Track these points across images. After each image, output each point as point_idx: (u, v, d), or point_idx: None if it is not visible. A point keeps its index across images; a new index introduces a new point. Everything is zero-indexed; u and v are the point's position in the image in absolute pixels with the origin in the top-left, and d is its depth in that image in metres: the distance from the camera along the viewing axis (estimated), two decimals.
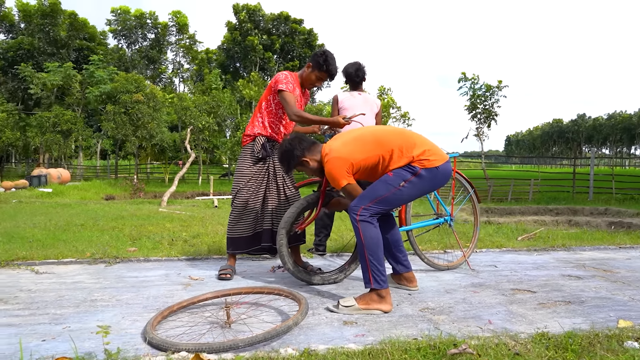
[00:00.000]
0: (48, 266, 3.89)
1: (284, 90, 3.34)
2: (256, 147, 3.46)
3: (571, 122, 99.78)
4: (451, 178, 3.50)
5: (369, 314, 2.66)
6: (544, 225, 8.54)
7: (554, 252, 4.59)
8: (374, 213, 2.79)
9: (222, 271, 3.46)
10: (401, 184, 2.80)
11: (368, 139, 2.88)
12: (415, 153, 2.83)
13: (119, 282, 3.37)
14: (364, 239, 2.74)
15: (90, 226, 7.48)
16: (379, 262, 2.73)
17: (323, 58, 3.44)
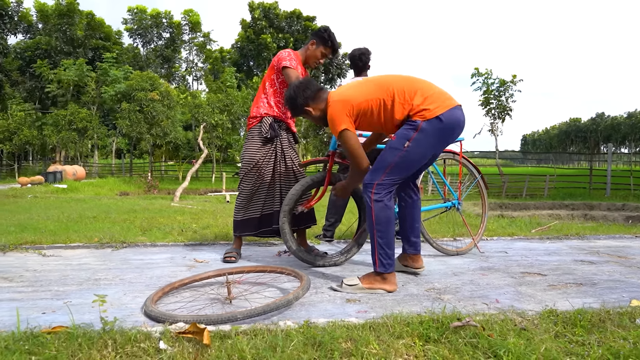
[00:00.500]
0: (56, 250, 3.91)
1: (288, 67, 3.31)
2: (264, 128, 3.42)
3: (590, 120, 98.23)
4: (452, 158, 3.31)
5: (373, 293, 2.60)
6: (558, 219, 8.39)
7: (567, 241, 4.48)
8: (389, 187, 2.63)
9: (227, 254, 3.44)
10: (405, 145, 2.59)
11: (370, 82, 2.74)
12: (416, 102, 2.60)
13: (123, 263, 3.36)
14: (375, 220, 2.61)
15: (102, 218, 7.52)
16: (388, 246, 2.62)
17: (327, 34, 3.46)
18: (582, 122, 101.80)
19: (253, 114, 3.53)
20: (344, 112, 2.63)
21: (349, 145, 2.66)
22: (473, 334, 1.85)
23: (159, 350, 1.71)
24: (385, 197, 2.62)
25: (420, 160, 2.68)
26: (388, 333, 1.88)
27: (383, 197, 2.62)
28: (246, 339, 1.80)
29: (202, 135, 19.05)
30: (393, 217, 2.64)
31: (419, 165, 2.70)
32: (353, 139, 2.65)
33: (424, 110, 2.58)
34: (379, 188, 2.62)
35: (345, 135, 2.64)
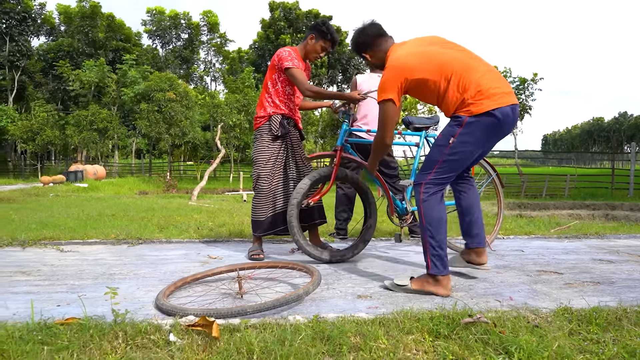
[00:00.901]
0: (73, 245, 3.98)
1: (290, 68, 3.31)
2: (273, 126, 3.43)
3: (613, 120, 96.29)
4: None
5: (423, 294, 2.50)
6: (579, 219, 8.22)
7: (586, 240, 4.39)
8: (439, 186, 2.56)
9: (253, 252, 3.41)
10: (450, 142, 2.51)
11: (435, 58, 2.56)
12: (468, 95, 2.47)
13: (138, 259, 3.40)
14: (426, 220, 2.53)
15: (120, 216, 7.63)
16: (440, 245, 2.51)
17: (325, 27, 3.45)
18: (606, 121, 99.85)
19: (260, 113, 3.53)
20: (396, 83, 2.56)
21: (385, 117, 2.62)
22: (484, 331, 1.82)
23: (168, 343, 1.73)
24: (434, 195, 2.55)
25: (468, 157, 2.58)
26: (398, 328, 1.86)
27: (432, 196, 2.55)
28: (255, 332, 1.80)
29: (220, 135, 19.19)
30: (445, 217, 2.55)
31: (467, 162, 2.62)
32: (391, 112, 2.60)
33: (471, 105, 2.47)
34: (427, 187, 2.56)
35: (385, 105, 2.60)
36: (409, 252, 3.76)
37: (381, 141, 2.73)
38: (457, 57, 2.59)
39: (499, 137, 2.59)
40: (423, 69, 2.54)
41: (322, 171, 3.27)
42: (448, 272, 2.51)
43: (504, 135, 2.61)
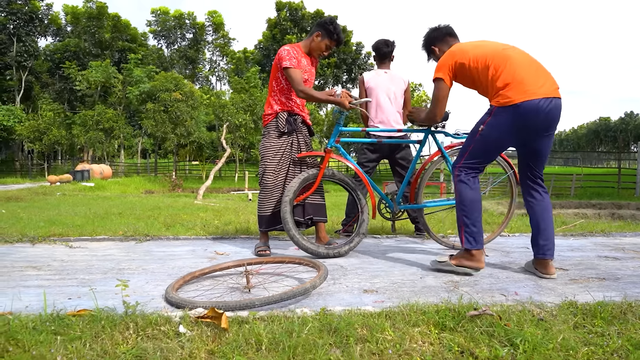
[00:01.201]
0: (82, 242, 4.02)
1: (288, 67, 3.35)
2: (280, 123, 3.47)
3: (619, 120, 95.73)
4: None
5: (461, 270, 2.79)
6: (585, 218, 8.21)
7: (592, 237, 4.39)
8: (471, 170, 2.81)
9: (259, 248, 3.44)
10: (480, 129, 2.74)
11: (482, 47, 2.83)
12: (498, 85, 2.66)
13: (147, 255, 3.44)
14: (459, 199, 2.80)
15: (127, 214, 7.70)
16: (473, 223, 2.76)
17: (333, 26, 3.47)
18: (612, 121, 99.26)
19: (267, 111, 3.57)
20: (447, 64, 2.84)
21: (435, 94, 2.91)
22: (489, 323, 1.84)
23: (178, 334, 1.76)
24: (466, 177, 2.80)
25: (497, 146, 2.80)
26: (404, 321, 1.89)
27: (465, 177, 2.80)
28: (263, 324, 1.83)
29: (225, 135, 19.25)
30: (478, 198, 2.79)
31: (497, 150, 2.84)
32: (441, 90, 2.87)
33: (499, 96, 2.66)
34: (460, 170, 2.83)
35: (437, 83, 2.88)
36: (415, 248, 3.78)
37: (431, 117, 3.05)
38: (501, 49, 2.81)
39: (534, 130, 2.68)
40: (470, 55, 2.79)
41: (311, 171, 3.41)
42: (481, 247, 2.77)
43: (542, 128, 2.68)
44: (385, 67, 4.35)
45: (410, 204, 3.63)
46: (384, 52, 4.33)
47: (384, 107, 4.19)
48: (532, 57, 2.81)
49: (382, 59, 4.36)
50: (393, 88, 4.23)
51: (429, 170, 3.63)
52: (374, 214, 3.53)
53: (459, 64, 2.82)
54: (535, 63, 2.77)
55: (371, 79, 4.25)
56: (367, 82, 4.25)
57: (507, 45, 2.89)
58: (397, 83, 4.26)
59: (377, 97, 4.20)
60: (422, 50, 3.31)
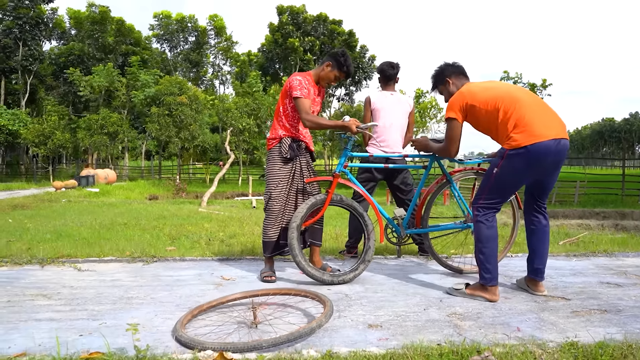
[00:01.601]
0: (90, 264, 4.08)
1: (298, 97, 3.41)
2: (283, 149, 3.52)
3: (623, 121, 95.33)
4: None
5: (474, 299, 2.96)
6: (588, 229, 8.22)
7: (594, 258, 4.42)
8: (487, 209, 2.95)
9: (265, 274, 3.48)
10: (494, 171, 2.91)
11: (493, 90, 2.96)
12: (510, 127, 2.82)
13: (154, 280, 3.49)
14: (477, 237, 2.97)
15: (132, 225, 7.77)
16: (488, 261, 2.91)
17: (344, 58, 3.53)
18: (616, 122, 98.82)
19: (272, 135, 3.62)
20: (458, 104, 3.01)
21: (449, 133, 3.09)
22: None
23: None
24: (484, 217, 2.95)
25: (513, 185, 2.97)
26: None
27: (483, 217, 2.95)
28: None
29: (229, 141, 19.34)
30: (494, 235, 2.95)
31: (513, 189, 3.01)
32: (454, 129, 3.05)
33: (511, 139, 2.82)
34: (479, 209, 2.98)
35: (449, 123, 3.06)
36: (419, 271, 3.82)
37: (447, 152, 3.20)
38: (510, 91, 2.96)
39: (544, 169, 2.90)
40: (481, 97, 2.95)
41: (319, 197, 3.47)
42: (496, 283, 2.94)
43: (551, 167, 2.91)
44: (390, 89, 4.39)
45: (417, 228, 3.68)
46: (390, 74, 4.37)
47: (388, 129, 4.23)
48: (540, 98, 3.00)
49: (387, 80, 4.40)
50: (399, 111, 4.27)
51: (435, 194, 3.67)
52: (382, 239, 3.57)
53: (469, 106, 2.98)
54: (543, 105, 2.94)
55: (377, 101, 4.29)
56: (374, 103, 4.29)
57: (516, 87, 3.04)
58: (403, 106, 4.31)
59: (382, 119, 4.24)
60: (433, 80, 3.40)
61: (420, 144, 3.54)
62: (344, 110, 32.01)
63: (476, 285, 3.01)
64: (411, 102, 4.40)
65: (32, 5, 31.62)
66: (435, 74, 3.38)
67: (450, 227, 3.75)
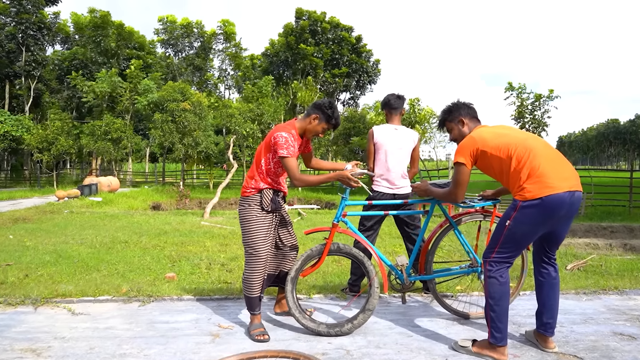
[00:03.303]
0: (85, 304, 3.97)
1: (285, 157, 3.23)
2: (265, 202, 3.30)
3: (629, 122, 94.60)
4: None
5: (481, 358, 2.83)
6: (596, 249, 8.06)
7: (605, 297, 4.26)
8: (499, 264, 2.82)
9: (256, 333, 3.22)
10: (507, 224, 2.78)
11: (504, 137, 2.87)
12: (523, 178, 2.73)
13: (149, 329, 3.38)
14: (488, 294, 2.82)
15: (133, 243, 7.70)
16: (499, 319, 2.78)
17: (331, 110, 3.37)
18: (622, 123, 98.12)
19: (251, 186, 3.36)
20: (469, 149, 2.91)
21: (457, 177, 2.99)
22: None
23: None
24: (497, 273, 2.81)
25: (527, 238, 2.80)
26: None
27: (495, 273, 2.81)
28: None
29: (232, 148, 19.25)
30: (506, 292, 2.80)
31: (527, 241, 2.84)
32: (462, 174, 2.95)
33: (524, 190, 2.71)
34: (491, 265, 2.84)
35: (458, 167, 2.97)
36: (423, 316, 3.68)
37: (452, 197, 3.08)
38: (523, 138, 2.86)
39: (557, 221, 2.77)
40: (492, 144, 2.84)
41: (315, 249, 3.39)
42: (505, 343, 2.78)
43: (564, 219, 2.79)
44: (395, 121, 4.25)
45: (420, 274, 3.56)
46: (396, 106, 4.23)
47: (391, 166, 4.10)
48: (554, 148, 2.86)
49: (392, 112, 4.26)
50: (402, 146, 4.13)
51: (438, 240, 3.55)
52: (385, 288, 3.44)
53: (480, 152, 2.89)
54: (557, 155, 2.83)
55: (381, 135, 4.14)
56: (377, 137, 4.15)
57: (529, 135, 2.92)
58: (407, 141, 4.17)
59: (384, 154, 4.11)
60: (445, 114, 3.29)
61: (420, 190, 3.42)
62: (349, 114, 31.81)
63: (484, 344, 2.87)
64: (416, 137, 4.25)
65: (34, 10, 31.62)
66: (448, 110, 3.27)
67: (456, 272, 3.62)
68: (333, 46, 37.07)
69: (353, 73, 37.48)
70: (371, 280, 3.37)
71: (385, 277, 3.38)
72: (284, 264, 3.60)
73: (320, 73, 36.13)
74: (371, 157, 4.22)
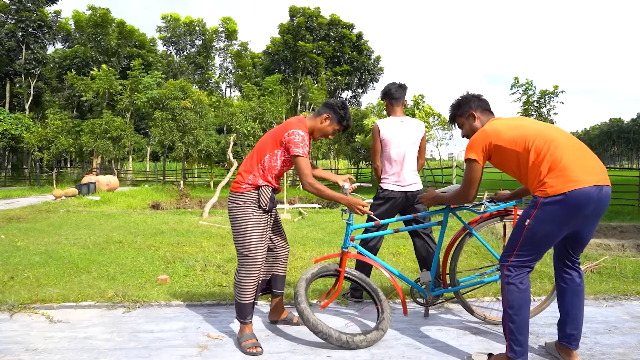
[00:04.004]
0: (65, 310, 3.68)
1: (299, 156, 2.96)
2: (263, 199, 3.02)
3: (632, 121, 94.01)
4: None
5: None
6: (608, 250, 7.76)
7: (626, 303, 3.95)
8: (519, 268, 2.53)
9: (248, 345, 2.91)
10: (527, 223, 2.48)
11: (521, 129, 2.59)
12: (544, 172, 2.42)
13: (131, 339, 3.08)
14: (507, 303, 2.54)
15: (128, 243, 7.43)
16: (519, 331, 2.49)
17: (344, 112, 3.14)
18: (625, 122, 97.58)
19: (247, 181, 3.05)
20: (481, 144, 2.65)
21: (467, 174, 2.73)
22: None
23: None
24: (516, 279, 2.52)
25: (549, 239, 2.49)
26: None
27: (514, 279, 2.52)
28: None
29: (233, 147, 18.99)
30: (527, 300, 2.53)
31: (549, 243, 2.52)
32: (474, 171, 2.69)
33: (546, 185, 2.40)
34: (510, 269, 2.55)
35: (469, 164, 2.71)
36: (431, 328, 3.35)
37: (463, 196, 2.81)
38: (542, 129, 2.56)
39: (583, 220, 2.45)
40: (508, 136, 2.58)
41: (329, 266, 3.16)
42: (526, 358, 2.49)
43: (591, 218, 2.47)
44: (398, 113, 3.94)
45: (444, 287, 3.28)
46: (398, 97, 3.92)
47: (399, 161, 3.80)
48: (577, 139, 2.53)
49: (394, 103, 3.94)
50: (410, 140, 3.83)
51: (458, 249, 3.27)
52: (405, 311, 3.15)
53: (494, 146, 2.62)
54: (582, 146, 2.51)
55: (387, 131, 3.83)
56: (383, 134, 3.83)
57: (548, 125, 2.63)
58: (414, 133, 3.86)
59: (394, 150, 3.81)
60: (454, 109, 3.02)
61: (429, 199, 3.13)
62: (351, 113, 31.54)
63: (501, 358, 2.57)
64: (422, 127, 3.94)
65: (34, 9, 31.39)
66: (457, 104, 3.00)
67: (482, 282, 3.34)
68: (334, 44, 36.69)
69: (355, 71, 37.13)
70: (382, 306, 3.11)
71: (404, 299, 3.09)
72: (277, 267, 3.33)
73: (321, 71, 35.78)
74: (377, 155, 3.91)
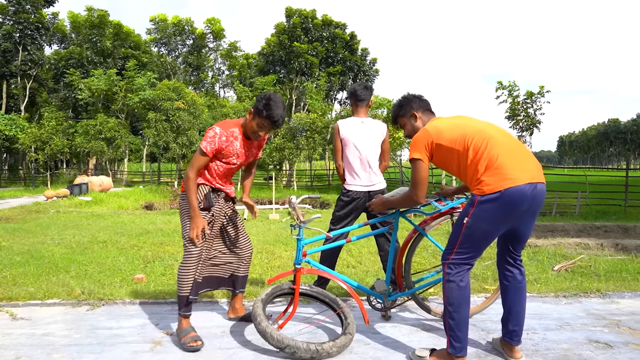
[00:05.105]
0: (30, 308, 3.74)
1: (198, 148, 3.05)
2: (198, 197, 3.08)
3: (630, 121, 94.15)
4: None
5: None
6: (587, 249, 7.79)
7: (585, 301, 4.00)
8: (461, 266, 2.58)
9: (187, 340, 2.92)
10: (465, 221, 2.53)
11: (460, 128, 2.63)
12: (480, 170, 2.48)
13: (89, 335, 3.13)
14: (447, 300, 2.59)
15: (112, 243, 7.50)
16: (458, 327, 2.55)
17: (263, 103, 2.99)
18: (622, 122, 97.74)
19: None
20: (423, 143, 2.67)
21: (414, 175, 2.71)
22: None
23: None
24: (457, 276, 2.56)
25: (487, 236, 2.55)
26: None
27: (455, 277, 2.57)
28: None
29: None
30: (466, 298, 2.57)
31: (488, 240, 2.58)
32: (420, 170, 2.68)
33: (482, 183, 2.46)
34: (450, 267, 2.59)
35: (414, 164, 2.69)
36: (385, 325, 3.42)
37: (412, 198, 2.77)
38: (481, 128, 2.60)
39: (519, 217, 2.51)
40: (449, 135, 2.61)
41: (283, 286, 3.10)
42: (465, 354, 2.56)
43: (527, 215, 2.52)
44: (362, 114, 3.98)
45: (400, 291, 3.32)
46: (362, 98, 3.97)
47: (359, 162, 3.84)
48: (515, 138, 2.61)
49: (359, 104, 3.99)
50: (371, 141, 3.87)
51: (410, 252, 3.31)
52: (366, 321, 3.05)
53: (435, 145, 2.64)
54: (518, 144, 2.57)
55: (347, 130, 3.88)
56: (342, 133, 3.89)
57: (488, 124, 2.68)
58: (374, 134, 3.90)
59: (353, 150, 3.86)
60: (396, 110, 3.05)
61: (378, 205, 3.14)
62: (345, 114, 31.56)
63: (442, 353, 2.64)
64: (384, 129, 3.99)
65: (32, 10, 31.42)
66: (399, 104, 3.03)
67: (436, 281, 3.40)
68: (327, 44, 36.79)
69: (348, 71, 37.20)
70: (345, 315, 3.08)
71: (364, 309, 3.06)
72: (239, 268, 3.38)
73: (315, 72, 35.84)
74: (338, 153, 3.96)
